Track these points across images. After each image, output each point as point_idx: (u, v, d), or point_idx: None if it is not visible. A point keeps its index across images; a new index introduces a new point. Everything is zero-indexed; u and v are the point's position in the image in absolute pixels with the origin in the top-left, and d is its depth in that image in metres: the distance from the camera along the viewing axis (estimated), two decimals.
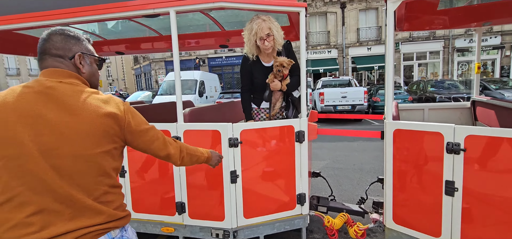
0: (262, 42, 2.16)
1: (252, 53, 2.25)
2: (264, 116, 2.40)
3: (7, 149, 0.90)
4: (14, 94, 0.94)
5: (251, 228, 2.22)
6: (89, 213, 0.96)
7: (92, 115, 0.96)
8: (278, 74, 2.23)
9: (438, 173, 1.80)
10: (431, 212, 1.87)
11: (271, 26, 2.13)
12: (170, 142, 1.24)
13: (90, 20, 2.18)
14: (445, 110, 3.26)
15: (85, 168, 0.95)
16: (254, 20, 2.16)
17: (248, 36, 2.19)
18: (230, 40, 3.95)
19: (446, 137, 1.74)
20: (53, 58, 1.02)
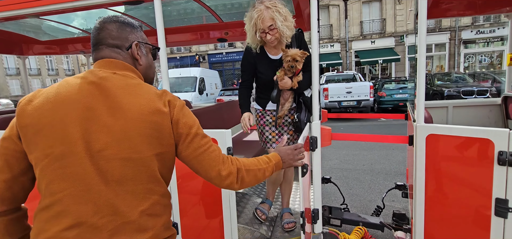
0: (264, 35, 1.80)
1: (256, 44, 1.89)
2: (270, 119, 2.04)
3: (53, 146, 0.80)
4: (67, 85, 0.86)
5: None
6: (131, 230, 0.83)
7: (143, 112, 0.85)
8: (290, 70, 1.86)
9: (486, 189, 1.46)
10: (474, 234, 1.53)
11: (275, 16, 1.74)
12: (225, 159, 0.99)
13: (62, 8, 1.85)
14: (472, 107, 2.89)
15: (135, 173, 0.84)
16: (256, 7, 1.79)
17: (247, 25, 1.84)
18: (229, 33, 3.60)
19: (498, 145, 1.39)
20: (110, 48, 0.94)
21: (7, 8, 1.92)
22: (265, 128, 2.05)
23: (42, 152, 0.81)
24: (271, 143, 2.02)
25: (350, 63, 20.68)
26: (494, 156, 1.41)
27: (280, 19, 1.75)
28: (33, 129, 0.81)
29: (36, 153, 0.81)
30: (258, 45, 1.91)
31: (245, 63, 2.01)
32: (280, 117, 1.99)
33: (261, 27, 1.75)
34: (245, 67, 2.01)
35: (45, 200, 0.81)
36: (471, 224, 1.53)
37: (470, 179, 1.52)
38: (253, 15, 1.77)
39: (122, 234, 0.82)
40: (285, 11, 1.80)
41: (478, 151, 1.46)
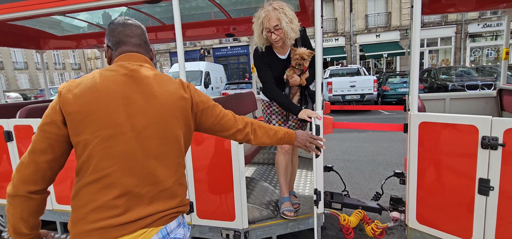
0: (269, 35, 1.93)
1: (262, 43, 2.01)
2: (276, 109, 2.21)
3: (102, 129, 0.92)
4: (102, 77, 0.97)
5: (264, 228, 2.09)
6: (165, 197, 1.00)
7: (172, 98, 1.02)
8: (298, 68, 2.02)
9: (470, 170, 1.63)
10: (461, 212, 1.71)
11: (281, 17, 1.87)
12: (237, 117, 1.23)
13: (87, 7, 2.03)
14: (468, 100, 3.04)
15: (169, 150, 1.01)
16: (264, 7, 1.93)
17: (255, 24, 1.97)
18: (237, 29, 3.76)
19: (482, 130, 1.56)
20: (133, 45, 1.07)
21: (38, 7, 2.11)
22: (272, 116, 2.22)
23: (92, 134, 0.91)
24: None
25: (354, 57, 20.64)
26: (478, 140, 1.57)
27: (286, 20, 1.88)
28: (80, 115, 0.91)
29: (85, 135, 0.91)
30: (264, 44, 2.03)
31: (262, 64, 2.07)
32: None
33: (267, 26, 1.89)
34: (264, 67, 2.06)
35: (93, 176, 0.92)
36: (457, 202, 1.71)
37: (457, 161, 1.69)
38: (261, 15, 1.91)
39: (159, 200, 0.98)
40: (292, 14, 1.93)
41: (465, 136, 1.63)
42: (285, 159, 2.18)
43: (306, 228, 2.20)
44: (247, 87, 14.27)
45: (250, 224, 2.06)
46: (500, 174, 1.53)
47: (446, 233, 1.78)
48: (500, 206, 1.55)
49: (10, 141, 2.45)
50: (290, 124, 2.24)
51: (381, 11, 20.25)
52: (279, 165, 2.22)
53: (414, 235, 1.96)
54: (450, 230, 1.76)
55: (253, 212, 2.13)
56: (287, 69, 2.07)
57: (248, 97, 3.69)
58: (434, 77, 14.02)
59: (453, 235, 1.75)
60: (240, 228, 2.04)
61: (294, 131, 1.37)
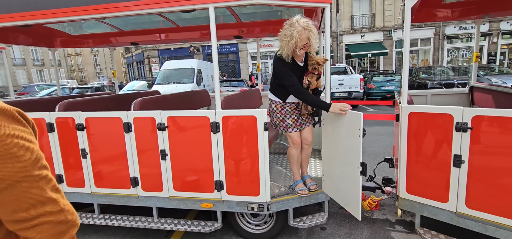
0: (301, 50, 2.26)
1: (288, 55, 2.33)
2: (289, 109, 2.56)
3: None
4: None
5: (282, 202, 2.51)
6: None
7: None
8: (314, 71, 2.40)
9: (447, 148, 2.11)
10: (440, 181, 2.19)
11: (310, 35, 2.22)
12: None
13: (131, 13, 2.36)
14: (446, 96, 3.58)
15: None
16: (295, 27, 2.21)
17: (287, 42, 2.25)
18: (245, 31, 4.14)
19: (456, 118, 2.04)
20: None
21: (100, 11, 2.40)
22: (286, 116, 2.58)
23: None
24: (292, 127, 2.56)
25: (341, 56, 21.41)
26: (453, 125, 2.06)
27: (313, 37, 2.24)
28: None
29: None
30: (290, 56, 2.36)
31: (288, 70, 2.36)
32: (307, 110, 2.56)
33: (300, 45, 2.24)
34: (291, 73, 2.37)
35: None
36: (437, 174, 2.19)
37: (437, 142, 2.17)
38: (294, 34, 2.19)
39: None
40: (315, 31, 2.28)
41: (443, 122, 2.11)
42: (297, 151, 2.59)
43: (316, 202, 2.63)
44: (239, 85, 14.61)
45: (271, 199, 2.48)
46: (469, 150, 2.02)
47: (428, 199, 2.27)
48: (469, 175, 2.04)
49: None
50: (301, 119, 2.64)
51: (365, 12, 21.11)
52: (291, 156, 2.61)
53: (404, 203, 2.43)
54: (431, 196, 2.25)
55: (273, 189, 2.54)
56: (305, 75, 2.44)
57: (255, 94, 4.08)
58: (415, 76, 14.94)
59: (434, 200, 2.24)
60: (264, 201, 2.44)
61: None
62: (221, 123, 2.39)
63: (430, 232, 2.36)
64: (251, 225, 2.78)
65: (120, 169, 2.68)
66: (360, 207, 2.21)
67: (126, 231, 3.05)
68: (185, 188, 2.57)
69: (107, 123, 2.64)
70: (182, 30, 4.18)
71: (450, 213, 2.18)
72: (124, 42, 4.64)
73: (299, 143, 2.58)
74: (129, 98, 4.00)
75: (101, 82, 27.20)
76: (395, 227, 2.91)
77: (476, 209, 2.06)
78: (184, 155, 2.53)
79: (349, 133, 2.23)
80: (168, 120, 2.49)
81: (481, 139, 1.97)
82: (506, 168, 1.90)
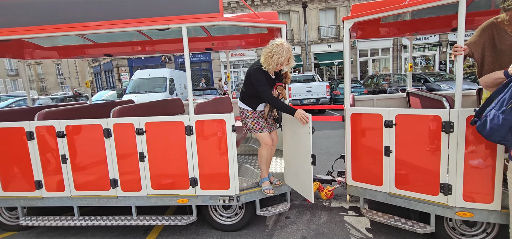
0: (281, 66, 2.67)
1: (268, 68, 2.68)
2: (260, 114, 2.92)
3: None
4: None
5: (250, 194, 2.88)
6: None
7: None
8: (285, 85, 2.87)
9: (380, 141, 2.63)
10: (376, 169, 2.70)
11: (290, 55, 2.66)
12: None
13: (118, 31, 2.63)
14: (388, 100, 4.22)
15: None
16: (283, 48, 2.59)
17: (277, 58, 2.60)
18: (215, 44, 4.51)
19: (384, 116, 2.57)
20: None
21: (84, 28, 2.64)
22: (259, 119, 2.92)
23: None
24: (265, 128, 2.90)
25: (309, 65, 22.51)
26: (383, 122, 2.58)
27: (292, 59, 2.69)
28: None
29: None
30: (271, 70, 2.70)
31: (264, 80, 2.72)
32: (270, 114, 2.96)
33: (285, 62, 2.64)
34: (266, 82, 2.72)
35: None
36: (374, 162, 2.70)
37: (372, 137, 2.68)
38: (283, 54, 2.57)
39: None
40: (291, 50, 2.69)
41: (375, 121, 2.63)
42: (268, 151, 2.97)
43: (280, 193, 3.04)
44: (212, 93, 14.87)
45: (240, 191, 2.84)
46: (395, 142, 2.55)
47: (368, 183, 2.77)
48: (396, 162, 2.57)
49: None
50: (270, 122, 3.02)
51: (331, 23, 22.47)
52: (262, 156, 2.97)
53: (351, 189, 2.92)
54: (370, 181, 2.75)
55: (241, 183, 2.90)
56: (275, 87, 2.81)
57: (226, 101, 4.45)
58: (376, 82, 16.24)
59: (373, 184, 2.74)
60: (233, 194, 2.80)
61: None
62: (194, 126, 2.72)
63: (371, 211, 2.86)
64: (223, 218, 3.11)
65: (100, 172, 2.89)
66: (312, 191, 2.64)
67: (106, 230, 3.23)
68: (162, 186, 2.86)
69: (87, 130, 2.86)
70: (155, 43, 4.45)
71: (384, 194, 2.69)
72: (98, 54, 4.79)
73: (270, 143, 2.95)
74: (105, 107, 4.18)
75: (65, 92, 25.91)
76: (348, 213, 3.40)
77: (402, 188, 2.58)
78: (161, 156, 2.82)
79: (302, 131, 2.67)
80: (146, 125, 2.77)
81: (402, 133, 2.51)
82: (419, 154, 2.44)
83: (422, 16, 3.75)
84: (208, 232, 3.10)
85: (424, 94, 3.30)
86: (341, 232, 2.97)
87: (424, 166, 2.43)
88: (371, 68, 23.40)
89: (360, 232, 2.96)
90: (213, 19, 2.59)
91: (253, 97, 2.87)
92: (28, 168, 2.96)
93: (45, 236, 3.22)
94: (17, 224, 3.26)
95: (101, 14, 2.64)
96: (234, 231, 3.07)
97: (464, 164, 2.26)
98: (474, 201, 2.28)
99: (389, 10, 2.53)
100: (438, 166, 2.35)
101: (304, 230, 3.05)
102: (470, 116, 2.19)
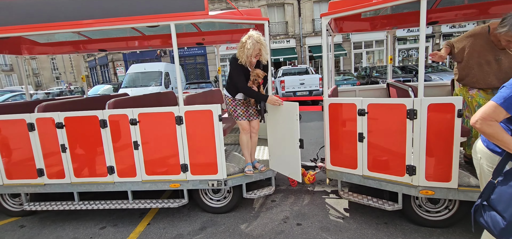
0: (254, 58, 2.84)
1: (245, 62, 2.89)
2: (239, 102, 3.15)
3: None
4: None
5: (237, 178, 3.13)
6: None
7: None
8: (254, 82, 3.02)
9: (354, 129, 2.87)
10: (351, 154, 2.95)
11: (261, 48, 2.82)
12: None
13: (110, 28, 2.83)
14: (370, 91, 4.46)
15: None
16: (251, 39, 2.76)
17: (244, 50, 2.82)
18: (205, 39, 4.71)
19: (358, 105, 2.81)
20: None
21: (76, 26, 2.83)
22: (237, 107, 3.16)
23: None
24: (242, 116, 3.16)
25: (304, 57, 22.68)
26: (356, 111, 2.82)
27: (264, 49, 2.85)
28: None
29: None
30: (246, 61, 2.89)
31: (241, 71, 2.94)
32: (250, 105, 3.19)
33: (254, 54, 2.82)
34: (241, 74, 2.95)
35: None
36: (349, 147, 2.95)
37: (347, 124, 2.93)
38: (249, 46, 2.77)
39: None
40: (265, 43, 2.88)
41: (350, 110, 2.87)
42: (246, 137, 3.21)
43: (265, 177, 3.29)
44: (206, 86, 15.04)
45: (228, 176, 3.09)
46: (367, 129, 2.80)
47: (345, 167, 3.03)
48: (368, 146, 2.82)
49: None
50: (250, 111, 3.26)
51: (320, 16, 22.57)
52: (242, 141, 3.24)
53: (330, 173, 3.18)
54: (347, 165, 3.01)
55: (229, 169, 3.15)
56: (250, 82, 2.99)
57: (217, 93, 4.67)
58: (369, 74, 16.49)
59: (348, 168, 3.00)
60: (221, 178, 3.05)
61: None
62: (184, 116, 2.95)
63: (348, 193, 3.12)
64: (213, 201, 3.37)
65: (97, 160, 3.12)
66: (300, 171, 2.90)
67: (104, 214, 3.48)
68: (155, 172, 3.09)
69: (84, 121, 3.07)
70: (148, 38, 4.63)
71: (359, 176, 2.95)
72: (93, 49, 4.96)
73: (248, 129, 3.20)
74: (100, 101, 4.38)
75: (60, 87, 25.87)
76: (329, 195, 3.67)
77: (374, 171, 2.84)
78: (154, 144, 3.05)
79: (289, 119, 2.88)
80: (139, 116, 2.99)
81: (373, 120, 2.75)
82: (388, 139, 2.69)
83: (400, 11, 3.97)
84: (199, 214, 3.35)
85: (398, 85, 3.54)
86: (321, 212, 3.24)
87: (392, 150, 2.69)
88: (365, 60, 23.62)
89: (338, 212, 3.23)
90: (199, 17, 2.80)
91: (233, 86, 3.12)
92: (30, 157, 3.17)
93: (47, 220, 3.46)
94: (21, 210, 3.50)
95: (96, 12, 2.83)
96: (223, 213, 3.33)
97: (426, 147, 2.52)
98: (435, 180, 2.55)
99: (366, 6, 2.74)
100: (404, 149, 2.61)
101: (287, 211, 3.31)
102: (431, 104, 2.44)
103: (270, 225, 3.05)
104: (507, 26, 2.13)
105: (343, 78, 15.05)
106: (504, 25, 2.16)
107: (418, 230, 2.78)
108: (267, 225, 3.05)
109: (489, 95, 2.54)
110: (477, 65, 2.56)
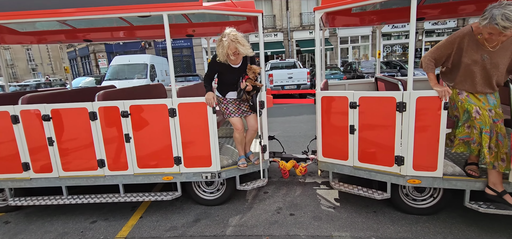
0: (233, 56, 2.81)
1: (223, 58, 2.87)
2: (231, 99, 3.12)
3: None
4: None
5: (230, 170, 3.15)
6: None
7: None
8: (252, 80, 3.01)
9: (346, 121, 2.95)
10: (342, 146, 3.03)
11: (238, 46, 2.75)
12: None
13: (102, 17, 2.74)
14: (359, 84, 4.57)
15: None
16: (226, 38, 2.71)
17: (220, 48, 2.81)
18: (196, 31, 4.64)
19: (349, 98, 2.88)
20: None
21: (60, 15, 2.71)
22: (228, 105, 3.14)
23: None
24: (234, 114, 3.13)
25: (292, 51, 22.79)
26: (348, 104, 2.89)
27: (241, 46, 2.77)
28: None
29: None
30: (223, 58, 2.88)
31: (212, 66, 2.99)
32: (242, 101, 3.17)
33: (230, 52, 2.79)
34: (212, 68, 3.00)
35: None
36: (340, 139, 3.02)
37: (339, 117, 3.00)
38: (225, 45, 2.70)
39: None
40: (243, 40, 2.81)
41: (342, 103, 2.94)
42: (239, 135, 3.18)
43: (257, 169, 3.33)
44: (194, 79, 14.85)
45: (221, 168, 3.10)
46: (358, 121, 2.88)
47: (336, 159, 3.11)
48: (359, 139, 2.91)
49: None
50: (243, 108, 3.26)
51: (313, 10, 22.72)
52: (235, 138, 3.21)
53: (322, 165, 3.25)
54: (338, 157, 3.09)
55: (222, 161, 3.16)
56: (244, 79, 2.98)
57: None
58: (355, 69, 16.81)
59: (340, 159, 3.08)
60: (215, 170, 3.06)
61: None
62: (177, 108, 2.92)
63: (339, 183, 3.21)
64: (206, 193, 3.37)
65: (86, 153, 3.04)
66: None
67: (94, 208, 3.41)
68: (148, 165, 3.06)
69: (73, 113, 2.98)
70: (136, 29, 4.51)
71: (350, 167, 3.04)
72: (77, 40, 4.78)
73: (241, 127, 3.17)
74: (87, 93, 4.25)
75: (38, 79, 24.75)
76: (320, 186, 3.76)
77: (364, 162, 2.94)
78: (146, 137, 3.01)
79: None
80: (131, 108, 2.93)
81: (364, 113, 2.84)
82: (378, 131, 2.78)
83: (390, 7, 4.07)
84: (193, 207, 3.35)
85: (387, 79, 3.65)
86: (313, 203, 3.32)
87: (382, 142, 2.79)
88: (351, 55, 24.03)
89: (329, 202, 3.32)
90: (193, 7, 2.76)
91: (223, 85, 3.11)
92: (14, 151, 3.05)
93: (33, 216, 3.35)
94: (6, 205, 3.37)
95: (82, 0, 2.73)
96: (217, 205, 3.35)
97: (414, 138, 2.63)
98: (422, 170, 2.67)
99: (358, 1, 2.79)
100: (393, 141, 2.71)
101: (280, 202, 3.37)
102: (419, 97, 2.54)
103: (263, 215, 3.09)
104: (488, 18, 2.18)
105: (330, 73, 15.30)
106: (485, 17, 2.20)
107: (405, 218, 2.91)
108: (261, 215, 3.09)
109: (479, 101, 2.49)
110: (464, 65, 2.49)
